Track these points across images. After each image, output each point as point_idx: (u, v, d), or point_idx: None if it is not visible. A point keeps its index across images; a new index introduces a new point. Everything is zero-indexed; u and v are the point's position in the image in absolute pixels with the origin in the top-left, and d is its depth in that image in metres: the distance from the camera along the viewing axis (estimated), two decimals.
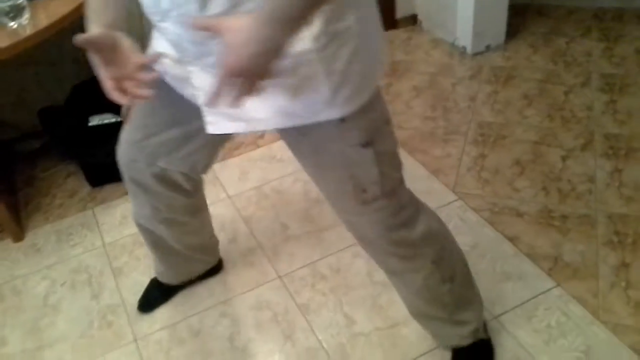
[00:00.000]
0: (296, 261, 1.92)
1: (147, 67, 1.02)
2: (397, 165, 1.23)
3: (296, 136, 1.15)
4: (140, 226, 1.57)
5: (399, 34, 3.15)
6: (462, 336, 1.49)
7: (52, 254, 2.07)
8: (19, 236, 2.13)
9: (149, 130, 1.31)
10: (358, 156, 1.13)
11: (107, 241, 2.09)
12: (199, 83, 1.07)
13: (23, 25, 1.80)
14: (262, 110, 1.06)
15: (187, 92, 1.15)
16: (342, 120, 1.07)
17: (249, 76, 0.89)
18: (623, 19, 3.02)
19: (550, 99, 2.52)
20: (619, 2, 3.13)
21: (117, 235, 2.11)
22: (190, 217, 1.57)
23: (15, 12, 1.75)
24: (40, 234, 2.16)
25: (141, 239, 2.01)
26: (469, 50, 2.88)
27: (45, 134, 2.38)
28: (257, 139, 2.49)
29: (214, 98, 0.92)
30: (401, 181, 1.26)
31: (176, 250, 1.64)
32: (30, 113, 2.42)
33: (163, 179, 1.39)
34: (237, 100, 0.92)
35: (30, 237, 2.15)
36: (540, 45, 2.89)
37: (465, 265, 1.45)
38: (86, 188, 2.34)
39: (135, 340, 1.75)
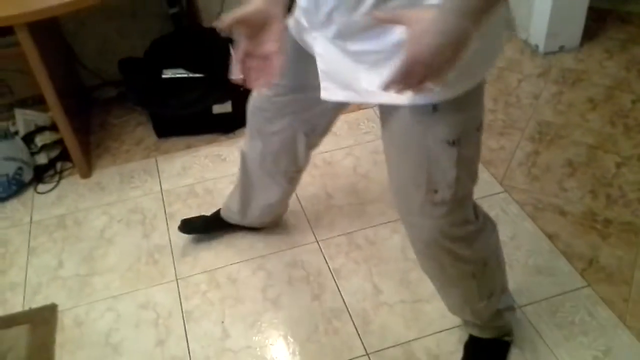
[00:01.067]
0: (335, 229, 2.00)
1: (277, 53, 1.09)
2: (474, 176, 1.22)
3: (394, 115, 1.14)
4: (244, 158, 1.67)
5: None
6: (487, 332, 1.55)
7: (113, 192, 2.24)
8: (86, 173, 2.31)
9: (279, 90, 1.37)
10: (441, 153, 1.12)
11: (164, 188, 2.24)
12: (320, 50, 1.13)
13: None
14: (374, 84, 1.03)
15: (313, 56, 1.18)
16: (435, 107, 1.06)
17: (429, 67, 0.88)
18: None
19: (616, 105, 2.47)
20: None
21: (175, 184, 2.25)
22: (285, 182, 1.67)
23: None
24: (106, 174, 2.33)
25: (196, 189, 2.17)
26: (541, 49, 2.85)
27: (123, 83, 2.55)
28: None
29: (391, 83, 0.92)
30: (471, 194, 1.25)
31: (256, 204, 1.77)
32: (111, 63, 2.59)
33: (284, 133, 1.48)
34: (414, 88, 0.93)
35: (96, 176, 2.33)
36: (616, 52, 2.82)
37: (505, 280, 1.49)
38: (152, 138, 2.50)
39: (176, 279, 1.88)
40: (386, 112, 1.18)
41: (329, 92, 1.16)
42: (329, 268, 1.87)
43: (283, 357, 1.64)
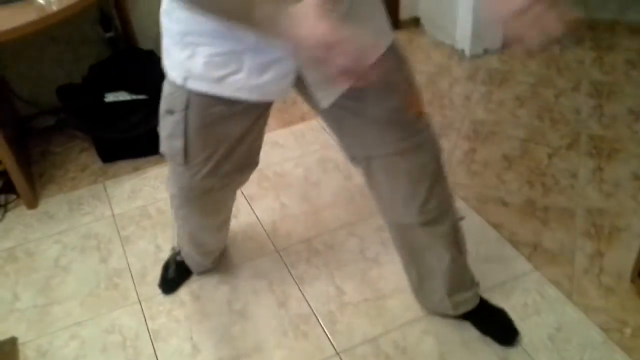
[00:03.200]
0: (293, 237, 2.05)
1: None
2: None
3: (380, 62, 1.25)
4: (193, 239, 1.73)
5: (402, 35, 3.28)
6: (475, 293, 1.66)
7: (64, 221, 2.20)
8: (32, 204, 2.26)
9: (214, 159, 1.35)
10: (409, 66, 1.35)
11: (116, 212, 2.22)
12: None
13: (50, 2, 1.93)
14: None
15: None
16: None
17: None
18: (615, 30, 3.15)
19: (542, 101, 2.65)
20: (611, 14, 3.28)
21: (126, 207, 2.24)
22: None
23: None
24: (53, 202, 2.29)
25: (148, 211, 2.18)
26: (467, 52, 3.02)
27: (63, 110, 2.52)
28: None
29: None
30: None
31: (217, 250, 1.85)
32: (48, 91, 2.55)
33: (223, 191, 1.52)
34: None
35: (43, 205, 2.28)
36: (536, 52, 3.02)
37: None
38: (98, 163, 2.47)
39: (139, 301, 1.87)
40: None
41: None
42: (292, 275, 1.91)
43: None
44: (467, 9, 2.89)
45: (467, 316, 1.69)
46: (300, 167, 2.36)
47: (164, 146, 1.37)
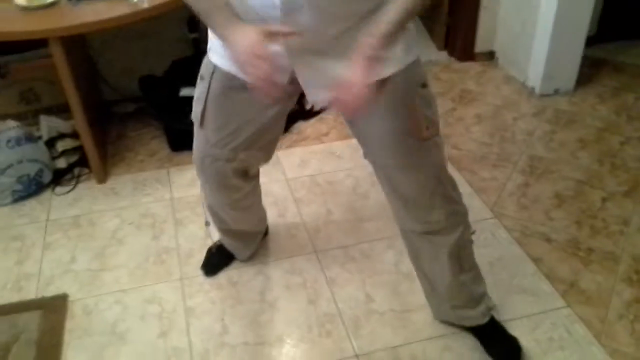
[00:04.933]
0: (332, 242, 2.13)
1: None
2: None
3: (383, 85, 1.31)
4: (213, 213, 1.85)
5: (475, 66, 3.32)
6: (482, 313, 1.68)
7: (126, 198, 2.37)
8: (102, 179, 2.46)
9: (224, 132, 1.49)
10: (420, 96, 1.37)
11: (175, 196, 2.37)
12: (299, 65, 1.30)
13: (142, 0, 2.12)
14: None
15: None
16: (415, 62, 1.34)
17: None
18: None
19: (605, 146, 2.62)
20: None
21: (184, 193, 2.39)
22: (251, 192, 1.80)
23: None
24: (120, 181, 2.48)
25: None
26: (537, 90, 3.02)
27: (142, 99, 2.72)
28: (321, 135, 2.73)
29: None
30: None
31: (241, 233, 1.92)
32: (131, 80, 2.77)
33: (238, 170, 1.63)
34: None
35: (111, 182, 2.47)
36: (608, 97, 2.98)
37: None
38: (166, 151, 2.65)
39: (181, 279, 2.00)
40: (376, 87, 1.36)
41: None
42: (325, 276, 1.99)
43: (277, 353, 1.75)
44: (542, 48, 2.90)
45: (474, 331, 1.73)
46: (350, 177, 2.44)
47: (193, 108, 1.52)
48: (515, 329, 1.77)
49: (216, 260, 2.04)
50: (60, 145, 2.50)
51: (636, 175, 2.43)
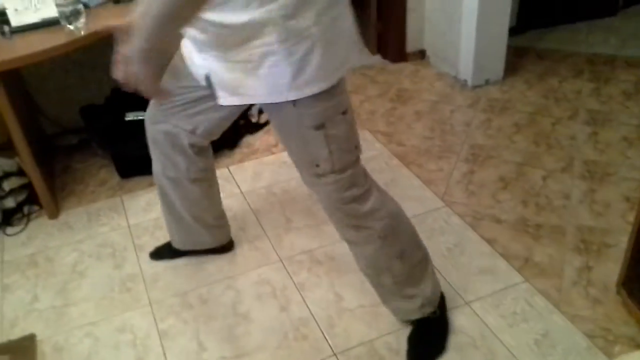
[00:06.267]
0: (296, 248, 2.17)
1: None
2: (350, 148, 1.47)
3: (271, 112, 1.44)
4: (157, 183, 1.89)
5: (408, 66, 3.45)
6: (411, 310, 1.73)
7: (82, 230, 2.34)
8: (54, 214, 2.41)
9: (174, 102, 1.61)
10: (310, 136, 1.40)
11: (131, 223, 2.36)
12: (212, 66, 1.37)
13: (78, 28, 2.11)
14: (251, 89, 1.33)
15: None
16: (294, 103, 1.33)
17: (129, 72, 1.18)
18: (614, 64, 3.29)
19: (539, 128, 2.77)
20: (611, 49, 3.42)
21: (141, 218, 2.38)
22: (190, 183, 1.83)
23: (74, 16, 2.07)
24: (73, 214, 2.44)
25: (162, 222, 2.30)
26: (469, 83, 3.16)
27: (85, 130, 2.68)
28: (271, 146, 2.77)
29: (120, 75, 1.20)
30: (354, 162, 1.49)
31: (183, 216, 1.93)
32: (71, 111, 2.73)
33: (170, 136, 1.69)
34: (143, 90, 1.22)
35: (63, 216, 2.43)
36: (535, 83, 3.16)
37: (418, 247, 1.70)
38: (116, 179, 2.62)
39: (150, 304, 1.99)
40: (266, 109, 1.46)
41: (223, 99, 1.41)
42: (294, 282, 2.03)
43: None
44: (469, 42, 3.05)
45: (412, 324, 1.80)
46: (305, 185, 2.48)
47: None
48: (481, 308, 1.87)
49: (163, 251, 2.14)
50: (7, 185, 2.43)
51: (570, 152, 2.59)
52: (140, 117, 2.41)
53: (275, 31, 1.22)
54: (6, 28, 2.15)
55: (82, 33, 2.11)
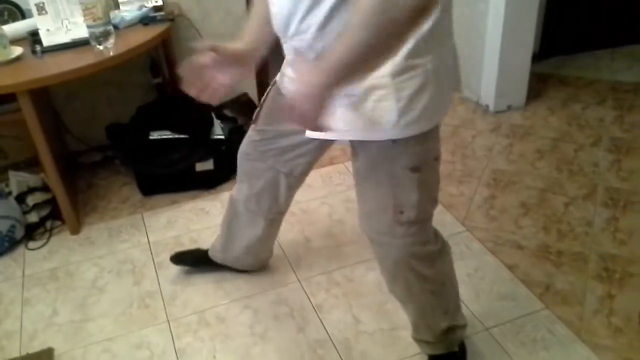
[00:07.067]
0: (315, 269, 2.16)
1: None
2: (434, 200, 1.42)
3: (363, 148, 1.34)
4: (231, 201, 1.88)
5: None
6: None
7: (103, 246, 2.36)
8: (76, 230, 2.44)
9: (264, 135, 1.60)
10: (404, 178, 1.32)
11: (152, 240, 2.38)
12: None
13: (108, 49, 2.16)
14: (344, 124, 1.25)
15: None
16: (395, 141, 1.25)
17: (303, 109, 1.06)
18: (637, 92, 3.26)
19: (561, 154, 2.75)
20: (634, 76, 3.40)
21: (161, 236, 2.39)
22: (264, 220, 1.84)
23: (104, 36, 2.12)
24: (95, 229, 2.47)
25: (182, 240, 2.32)
26: (491, 108, 3.16)
27: (110, 148, 2.73)
28: None
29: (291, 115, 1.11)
30: (431, 217, 1.44)
31: (239, 240, 1.94)
32: (96, 129, 2.78)
33: (269, 176, 1.67)
34: (310, 126, 1.11)
35: (85, 232, 2.46)
36: (558, 109, 3.15)
37: (457, 297, 1.68)
38: (138, 196, 2.65)
39: (167, 320, 2.00)
40: (357, 146, 1.38)
41: (313, 132, 1.35)
42: (312, 303, 2.02)
43: None
44: (492, 68, 3.05)
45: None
46: (325, 205, 2.49)
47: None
48: (500, 334, 1.84)
49: (185, 257, 2.15)
50: (31, 200, 2.48)
51: (593, 179, 2.56)
52: (164, 136, 2.45)
53: (392, 64, 1.14)
54: (38, 47, 2.21)
55: (111, 53, 2.15)
